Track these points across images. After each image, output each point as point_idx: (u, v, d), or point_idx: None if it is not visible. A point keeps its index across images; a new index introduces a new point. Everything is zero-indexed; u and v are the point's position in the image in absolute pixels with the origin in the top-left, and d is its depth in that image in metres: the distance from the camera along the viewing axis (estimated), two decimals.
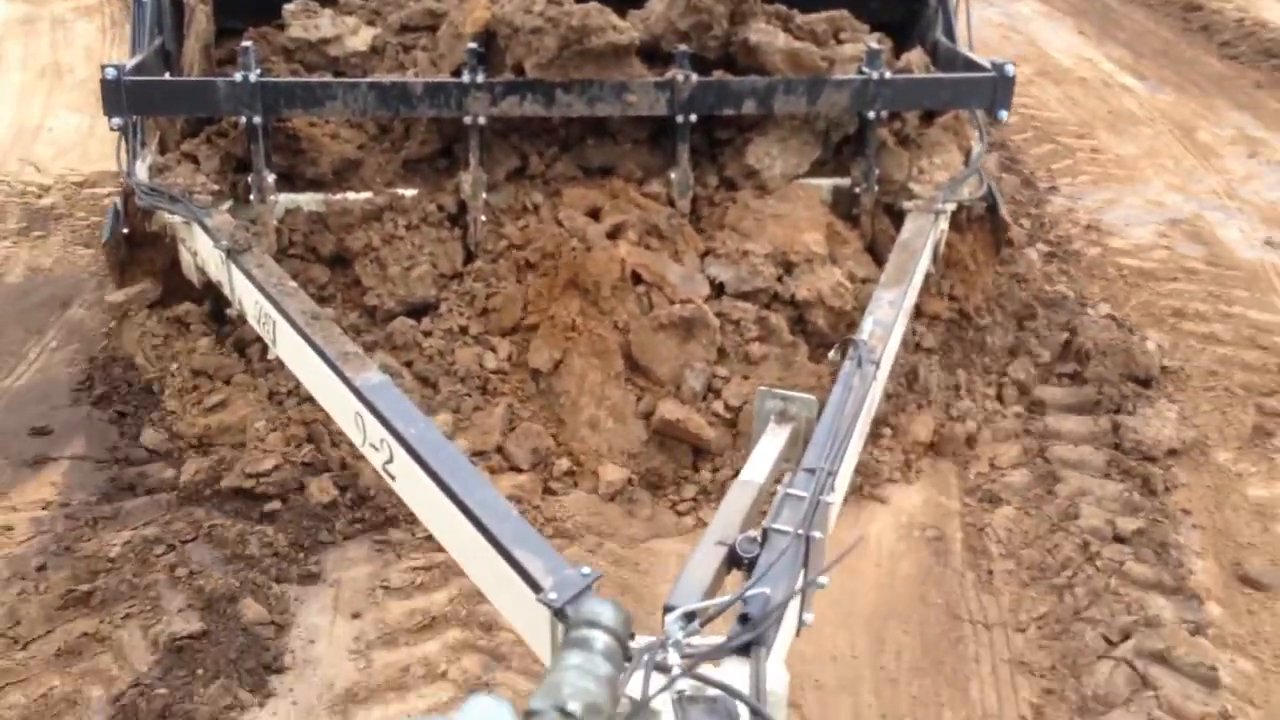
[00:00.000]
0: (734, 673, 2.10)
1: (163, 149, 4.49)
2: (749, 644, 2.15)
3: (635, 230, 4.36)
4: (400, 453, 2.90)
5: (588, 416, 4.05)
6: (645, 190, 4.55)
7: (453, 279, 4.38)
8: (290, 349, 3.52)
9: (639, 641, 2.19)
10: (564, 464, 3.96)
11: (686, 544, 3.72)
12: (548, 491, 3.93)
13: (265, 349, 4.07)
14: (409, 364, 4.16)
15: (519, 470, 3.97)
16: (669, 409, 4.02)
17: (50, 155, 6.68)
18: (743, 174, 4.61)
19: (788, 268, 4.35)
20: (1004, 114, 4.59)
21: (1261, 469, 4.27)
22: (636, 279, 4.25)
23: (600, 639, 1.98)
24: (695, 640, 2.13)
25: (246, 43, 4.24)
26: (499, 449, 3.99)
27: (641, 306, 4.22)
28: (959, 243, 4.77)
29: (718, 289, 4.34)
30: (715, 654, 2.10)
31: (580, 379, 4.10)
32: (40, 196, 6.14)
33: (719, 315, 4.21)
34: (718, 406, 4.09)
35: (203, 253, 4.12)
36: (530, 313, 4.27)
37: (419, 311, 4.31)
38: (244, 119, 4.21)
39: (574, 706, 1.79)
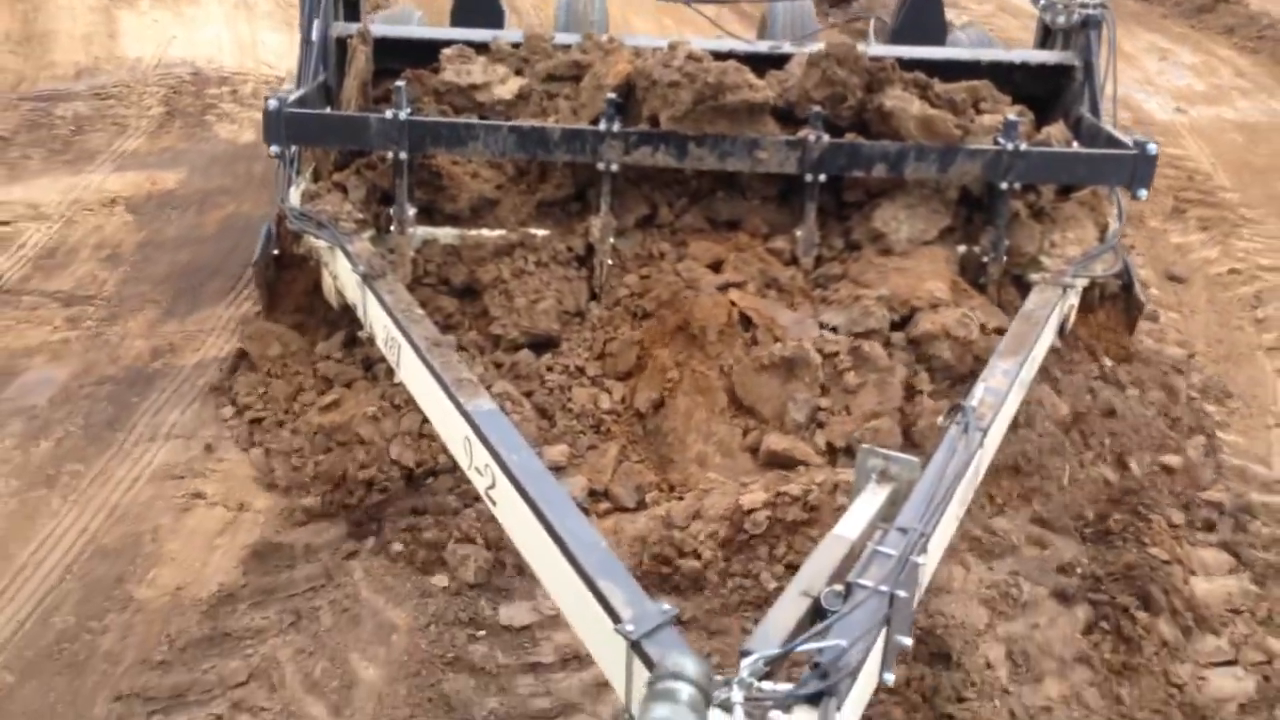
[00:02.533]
0: None
1: (316, 177, 4.74)
2: (819, 694, 2.15)
3: (755, 284, 4.41)
4: (502, 479, 2.99)
5: (695, 453, 4.08)
6: (770, 246, 4.60)
7: (575, 316, 4.50)
8: (412, 372, 3.67)
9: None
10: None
11: None
12: None
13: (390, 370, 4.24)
14: (529, 394, 4.27)
15: (624, 509, 4.02)
16: (774, 440, 4.03)
17: (273, 58, 8.95)
18: (869, 237, 4.62)
19: (910, 312, 4.34)
20: (1143, 193, 4.50)
21: (1178, 228, 6.81)
22: (747, 323, 4.29)
23: (685, 690, 2.02)
24: (766, 686, 2.15)
25: (399, 83, 4.46)
26: (606, 491, 4.05)
27: (747, 349, 4.25)
28: (1089, 321, 4.68)
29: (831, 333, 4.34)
30: (782, 700, 2.10)
31: (686, 417, 4.15)
32: (283, 82, 7.96)
33: (818, 351, 4.21)
34: (819, 440, 4.08)
35: (342, 276, 4.32)
36: (643, 358, 4.36)
37: (541, 344, 4.43)
38: (391, 154, 4.43)
39: None
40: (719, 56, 4.49)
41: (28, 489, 4.01)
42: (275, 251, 4.67)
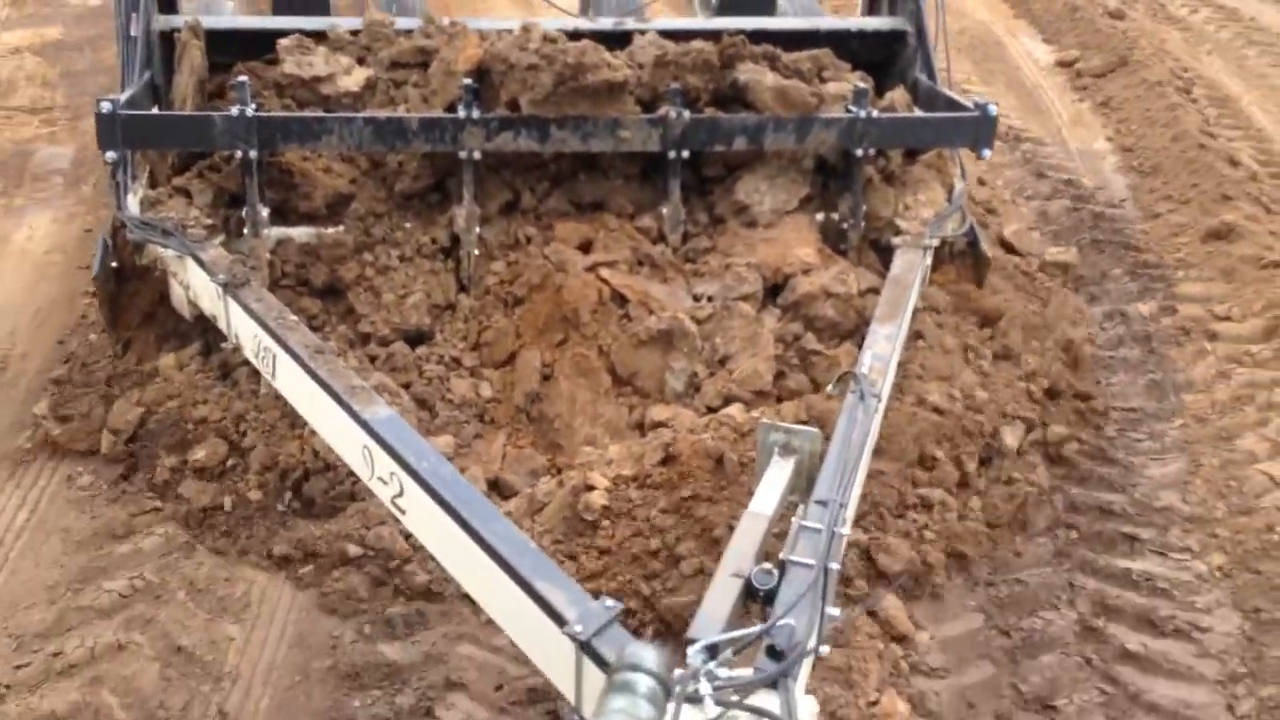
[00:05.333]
0: (760, 703, 2.12)
1: (153, 183, 4.48)
2: (778, 676, 2.18)
3: (626, 262, 4.41)
4: (412, 486, 2.91)
5: (584, 436, 4.06)
6: (637, 225, 4.60)
7: (446, 310, 4.40)
8: (292, 382, 3.52)
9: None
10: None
11: None
12: None
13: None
14: (407, 385, 4.15)
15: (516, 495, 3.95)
16: (657, 412, 4.07)
17: None
18: (733, 210, 4.66)
19: (783, 280, 4.43)
20: (988, 152, 4.69)
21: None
22: (622, 301, 4.29)
23: (643, 682, 2.01)
24: (723, 672, 2.16)
25: (241, 78, 4.25)
26: (496, 480, 3.99)
27: (623, 326, 4.26)
28: (941, 277, 4.85)
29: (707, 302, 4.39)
30: (750, 685, 2.12)
31: (570, 401, 4.13)
32: None
33: (693, 319, 4.26)
34: (699, 404, 4.13)
35: (196, 287, 4.10)
36: (520, 345, 4.30)
37: (413, 340, 4.32)
38: (239, 153, 4.22)
39: None
40: (570, 37, 4.43)
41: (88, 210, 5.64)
42: (114, 264, 4.39)
